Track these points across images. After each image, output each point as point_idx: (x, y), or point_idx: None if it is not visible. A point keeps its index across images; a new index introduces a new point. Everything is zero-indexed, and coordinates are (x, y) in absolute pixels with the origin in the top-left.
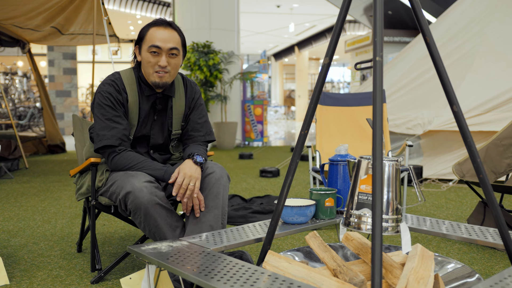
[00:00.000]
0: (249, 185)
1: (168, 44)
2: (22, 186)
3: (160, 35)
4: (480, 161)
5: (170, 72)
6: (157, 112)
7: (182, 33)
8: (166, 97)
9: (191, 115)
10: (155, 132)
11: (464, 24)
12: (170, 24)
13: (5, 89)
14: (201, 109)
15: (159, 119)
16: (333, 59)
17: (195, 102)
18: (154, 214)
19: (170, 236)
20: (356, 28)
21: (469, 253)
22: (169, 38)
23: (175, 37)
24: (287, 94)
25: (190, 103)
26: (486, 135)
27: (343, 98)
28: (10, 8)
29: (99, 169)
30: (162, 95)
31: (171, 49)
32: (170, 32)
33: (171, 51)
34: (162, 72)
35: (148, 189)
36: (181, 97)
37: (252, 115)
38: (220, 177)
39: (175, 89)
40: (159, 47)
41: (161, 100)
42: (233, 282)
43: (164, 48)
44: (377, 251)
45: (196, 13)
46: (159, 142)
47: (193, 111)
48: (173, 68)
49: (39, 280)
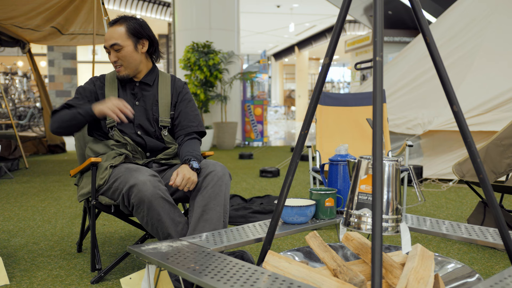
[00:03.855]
0: (249, 185)
1: (108, 42)
2: (22, 186)
3: (106, 35)
4: (480, 161)
5: (124, 64)
6: (137, 98)
7: (130, 23)
8: (145, 84)
9: (181, 106)
10: (138, 115)
11: (464, 24)
12: (116, 21)
13: (5, 89)
14: (192, 104)
15: (141, 104)
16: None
17: (184, 96)
18: (157, 208)
19: (172, 230)
20: (356, 28)
21: (469, 253)
22: (109, 35)
23: (116, 32)
24: (287, 94)
25: (177, 94)
26: (486, 135)
27: (343, 98)
28: (10, 8)
29: (100, 168)
30: (139, 83)
31: (112, 45)
32: (112, 30)
33: (113, 48)
34: (117, 67)
35: (152, 183)
36: (166, 86)
37: (252, 115)
38: (222, 175)
39: (158, 79)
40: (105, 46)
41: (140, 88)
42: (233, 282)
43: (108, 47)
44: (377, 251)
45: (196, 13)
46: (145, 124)
47: (183, 103)
48: (124, 60)
49: (39, 280)
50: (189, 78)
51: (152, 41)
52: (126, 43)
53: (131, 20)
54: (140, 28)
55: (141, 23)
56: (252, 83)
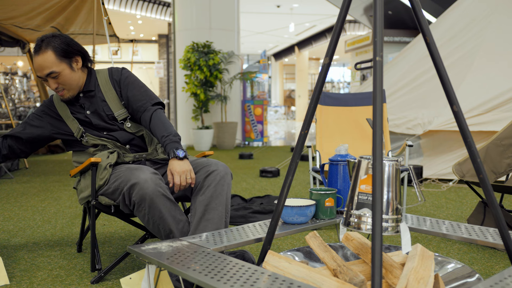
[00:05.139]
0: (249, 185)
1: (43, 71)
2: (22, 186)
3: (35, 64)
4: (480, 161)
5: (65, 87)
6: (86, 108)
7: (55, 45)
8: (88, 92)
9: (125, 92)
10: (95, 120)
11: (464, 24)
12: (40, 47)
13: (5, 89)
14: (136, 83)
15: (92, 111)
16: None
17: (124, 81)
18: (159, 205)
19: (174, 228)
20: (356, 28)
21: (469, 253)
22: (40, 65)
23: (46, 60)
24: (287, 94)
25: (118, 83)
26: (486, 135)
27: (343, 98)
28: (10, 8)
29: (100, 168)
30: (83, 93)
31: (48, 74)
32: (40, 57)
33: (49, 76)
34: (60, 91)
35: (153, 180)
36: (107, 83)
37: (252, 115)
38: (224, 174)
39: (98, 82)
40: (39, 76)
41: (85, 97)
42: (233, 282)
43: (42, 75)
44: (377, 251)
45: (196, 13)
46: (106, 126)
47: (125, 88)
48: (65, 84)
49: (39, 280)
50: (189, 78)
51: (83, 54)
52: (60, 67)
53: (55, 41)
54: (68, 46)
55: (66, 41)
56: (252, 83)
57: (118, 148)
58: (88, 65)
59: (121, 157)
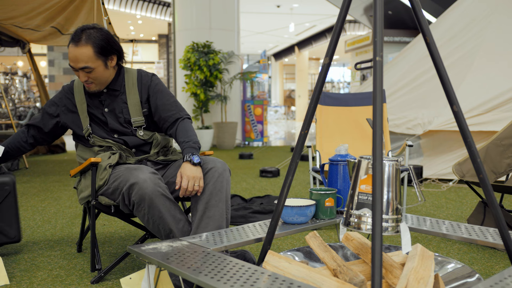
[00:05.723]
0: (249, 185)
1: (78, 64)
2: (22, 186)
3: (71, 54)
4: (480, 161)
5: (95, 82)
6: (105, 105)
7: (96, 40)
8: (113, 90)
9: (156, 100)
10: (110, 120)
11: (464, 24)
12: (80, 39)
13: (5, 89)
14: (165, 93)
15: (111, 109)
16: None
17: (153, 88)
18: (158, 205)
19: (174, 227)
20: (356, 28)
21: (469, 253)
22: (77, 57)
23: (83, 54)
24: (287, 94)
25: (146, 90)
26: (486, 135)
27: (343, 98)
28: (10, 8)
29: (100, 168)
30: (107, 89)
31: (82, 68)
32: (78, 50)
33: (83, 70)
34: (88, 83)
35: (152, 180)
36: (133, 86)
37: (252, 115)
38: (222, 171)
39: (125, 82)
40: (72, 66)
41: (108, 94)
42: (233, 282)
43: (76, 67)
44: (377, 251)
45: (196, 13)
46: (119, 128)
47: (155, 96)
48: (95, 79)
49: (39, 280)
50: (189, 78)
51: (119, 53)
52: (96, 64)
53: (96, 36)
54: (107, 44)
55: (107, 37)
56: (252, 83)
57: (122, 150)
58: (121, 62)
59: (123, 158)
